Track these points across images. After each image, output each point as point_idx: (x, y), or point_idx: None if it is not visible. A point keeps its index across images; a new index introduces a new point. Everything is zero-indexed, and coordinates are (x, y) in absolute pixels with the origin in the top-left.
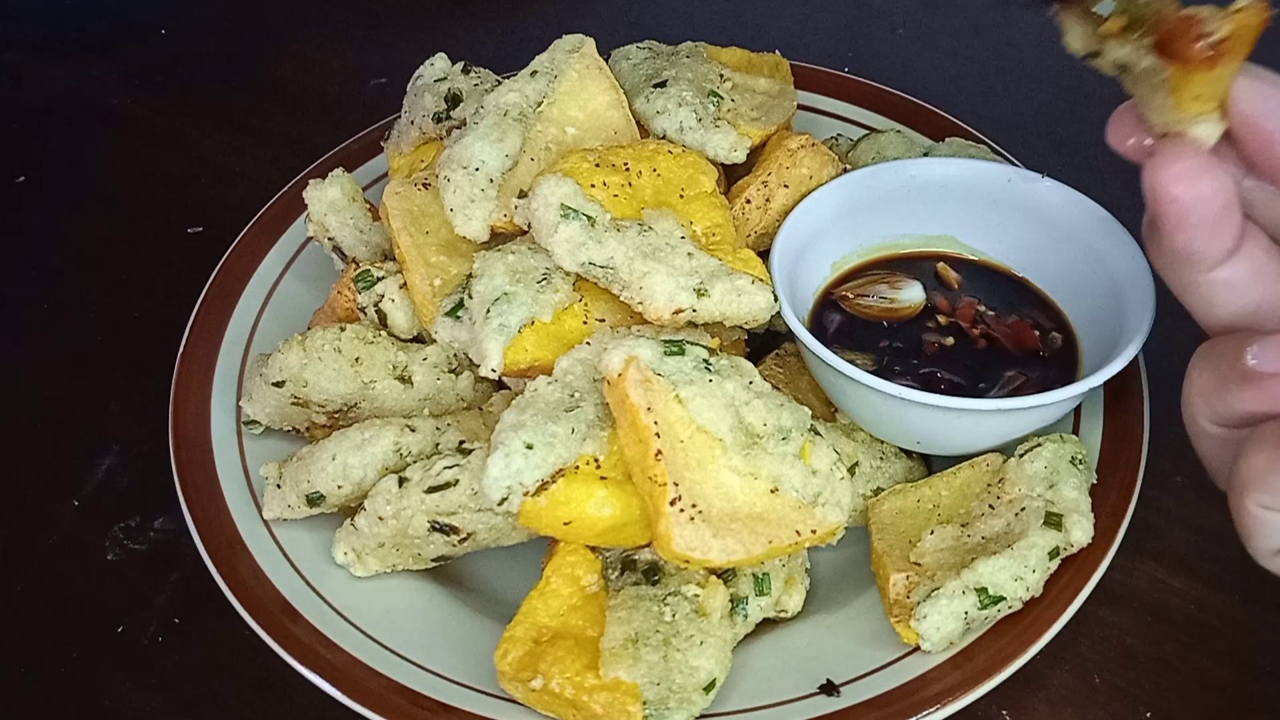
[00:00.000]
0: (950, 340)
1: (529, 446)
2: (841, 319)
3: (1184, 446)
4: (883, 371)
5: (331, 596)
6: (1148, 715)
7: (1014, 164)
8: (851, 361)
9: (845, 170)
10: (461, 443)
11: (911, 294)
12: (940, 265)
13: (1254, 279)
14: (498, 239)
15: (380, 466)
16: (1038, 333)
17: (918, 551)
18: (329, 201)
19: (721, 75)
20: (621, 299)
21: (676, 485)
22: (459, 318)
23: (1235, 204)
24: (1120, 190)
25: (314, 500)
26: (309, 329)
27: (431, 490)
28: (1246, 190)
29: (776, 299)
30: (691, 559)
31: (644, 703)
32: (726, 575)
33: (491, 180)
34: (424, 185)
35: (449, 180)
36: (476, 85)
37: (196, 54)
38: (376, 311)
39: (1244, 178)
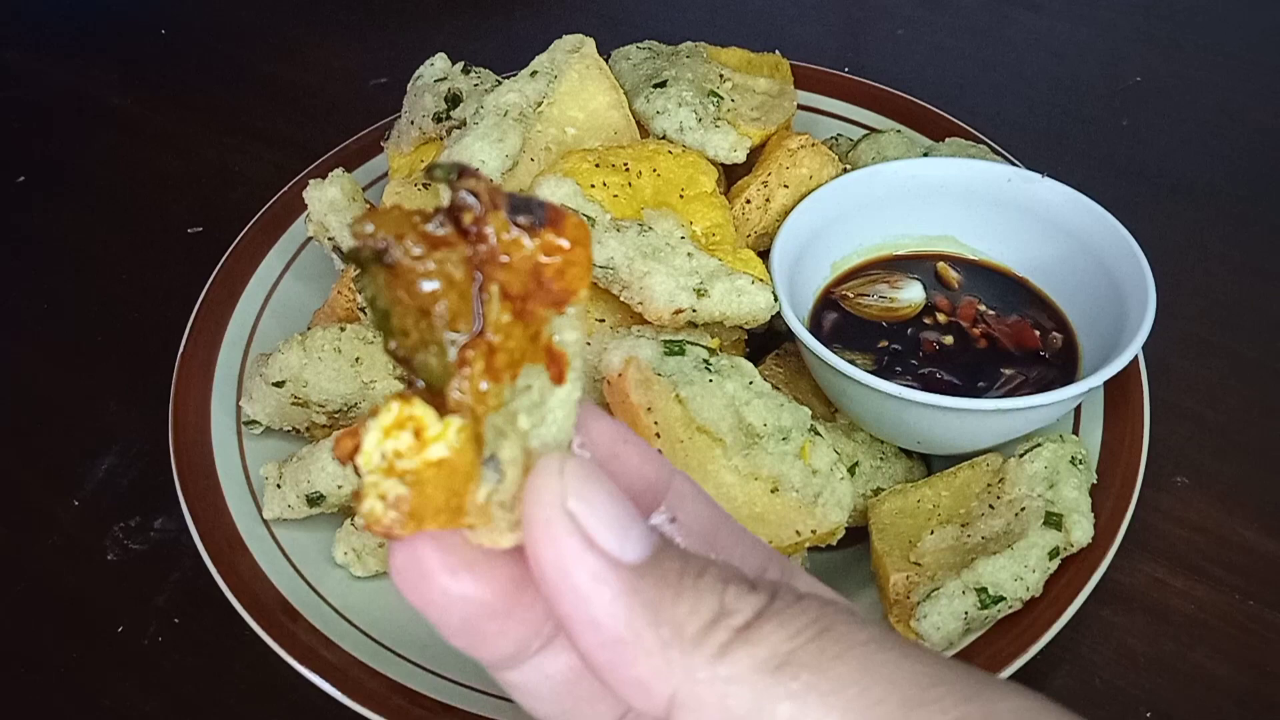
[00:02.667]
0: (950, 340)
1: None
2: (841, 319)
3: (1184, 446)
4: (882, 371)
5: (331, 596)
6: (1148, 715)
7: (1014, 164)
8: (851, 361)
9: (845, 170)
10: None
11: (911, 294)
12: (940, 265)
13: (560, 691)
14: None
15: None
16: (1038, 333)
17: (918, 551)
18: (329, 201)
19: (721, 75)
20: (621, 299)
21: None
22: None
23: (510, 613)
24: (1120, 190)
25: (314, 500)
26: (309, 329)
27: None
28: None
29: (776, 299)
30: None
31: None
32: None
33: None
34: (424, 185)
35: None
36: (476, 85)
37: (196, 54)
38: None
39: None
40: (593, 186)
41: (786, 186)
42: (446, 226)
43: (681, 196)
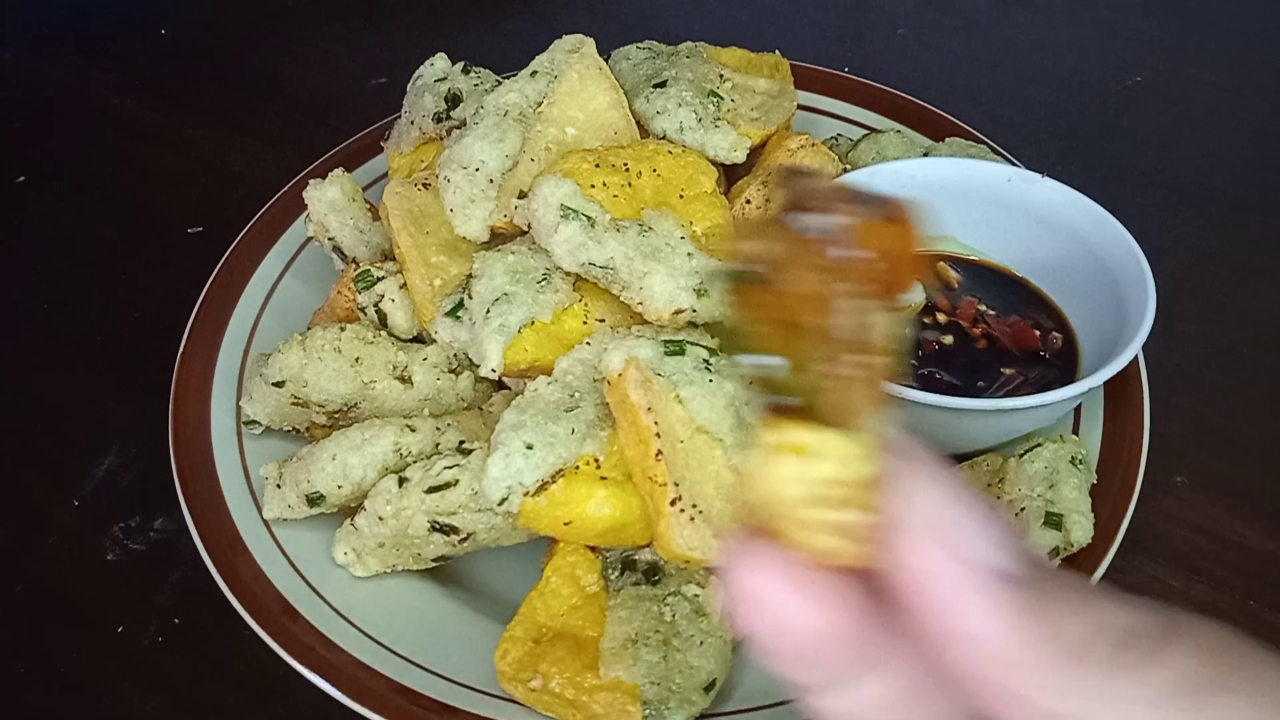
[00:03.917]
0: (950, 340)
1: (529, 447)
2: None
3: (1184, 446)
4: None
5: (331, 596)
6: None
7: (1014, 164)
8: None
9: (845, 170)
10: (461, 443)
11: (911, 294)
12: (940, 265)
13: (878, 715)
14: (498, 239)
15: (380, 466)
16: (1038, 332)
17: None
18: (329, 201)
19: (721, 75)
20: (621, 299)
21: (677, 485)
22: (459, 318)
23: (846, 641)
24: (1120, 190)
25: (314, 500)
26: (309, 329)
27: (431, 490)
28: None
29: None
30: (691, 559)
31: (644, 703)
32: None
33: (491, 180)
34: (424, 185)
35: (449, 180)
36: (476, 85)
37: (196, 54)
38: (376, 311)
39: None
40: (593, 187)
41: None
42: (839, 247)
43: (681, 197)
